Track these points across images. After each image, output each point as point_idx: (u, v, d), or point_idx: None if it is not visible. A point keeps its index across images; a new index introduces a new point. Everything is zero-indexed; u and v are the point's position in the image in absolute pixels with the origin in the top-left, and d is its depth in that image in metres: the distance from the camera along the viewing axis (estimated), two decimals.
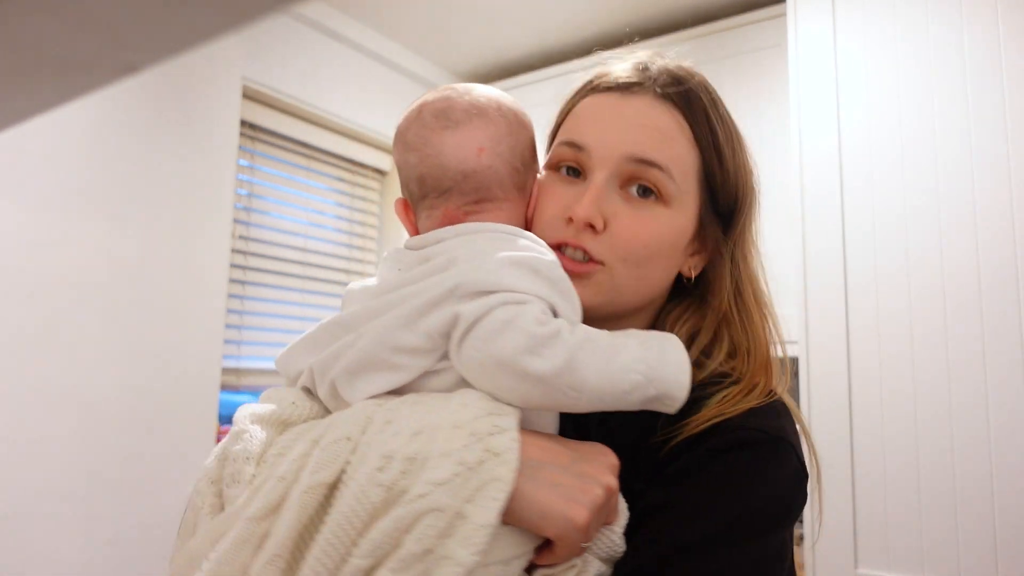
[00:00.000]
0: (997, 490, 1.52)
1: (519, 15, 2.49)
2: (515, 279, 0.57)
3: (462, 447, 0.51)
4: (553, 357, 0.54)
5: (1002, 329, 1.56)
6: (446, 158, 0.64)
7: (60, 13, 0.20)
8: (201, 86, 2.08)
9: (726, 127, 0.70)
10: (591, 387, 0.55)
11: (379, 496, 0.50)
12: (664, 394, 0.57)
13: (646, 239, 0.66)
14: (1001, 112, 1.61)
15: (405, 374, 0.58)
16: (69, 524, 1.73)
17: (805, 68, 1.89)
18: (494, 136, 0.66)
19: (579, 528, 0.53)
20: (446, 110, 0.66)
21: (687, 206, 0.68)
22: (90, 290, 1.80)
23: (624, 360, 0.56)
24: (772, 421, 0.62)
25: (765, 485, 0.59)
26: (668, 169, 0.66)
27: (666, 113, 0.67)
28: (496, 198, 0.66)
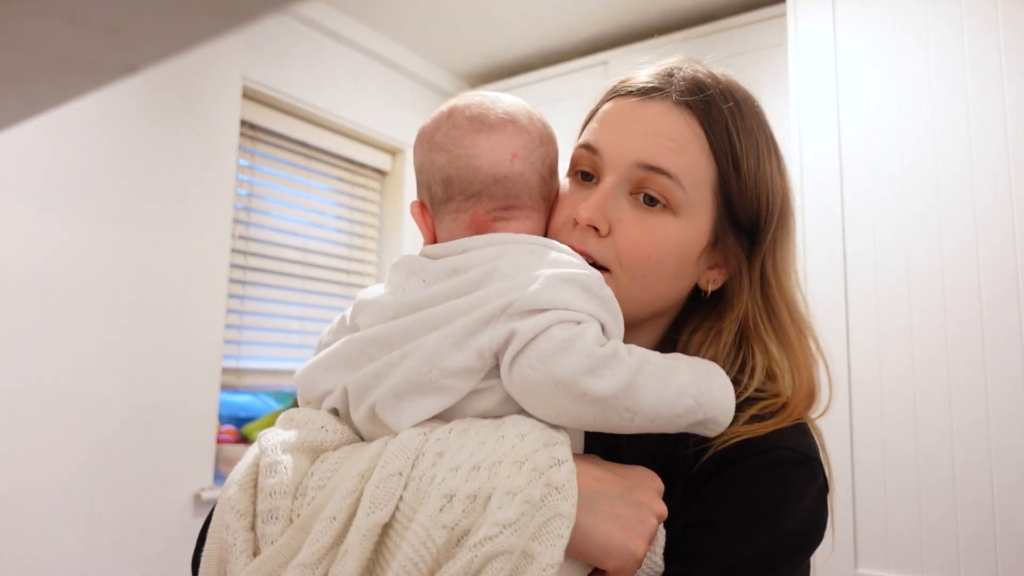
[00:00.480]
0: (997, 491, 1.52)
1: (520, 15, 2.49)
2: (569, 297, 0.55)
3: (527, 484, 0.50)
4: (613, 378, 0.53)
5: (1002, 329, 1.56)
6: (479, 160, 0.63)
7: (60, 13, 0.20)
8: (201, 86, 2.08)
9: (751, 137, 0.67)
10: (646, 409, 0.55)
11: (443, 538, 0.49)
12: (711, 419, 0.58)
13: (649, 248, 0.64)
14: (1001, 111, 1.61)
15: (452, 396, 0.57)
16: (69, 524, 1.73)
17: (805, 68, 1.89)
18: (527, 144, 0.65)
19: (639, 560, 0.53)
20: (481, 115, 0.65)
21: (698, 216, 0.66)
22: (90, 290, 1.80)
23: (678, 384, 0.56)
24: (802, 440, 0.63)
25: (803, 504, 0.60)
26: (677, 177, 0.64)
27: (682, 121, 0.65)
28: (524, 206, 0.65)
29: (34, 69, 0.24)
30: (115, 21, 0.20)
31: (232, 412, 2.41)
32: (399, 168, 2.83)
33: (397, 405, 0.57)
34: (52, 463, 1.72)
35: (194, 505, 1.99)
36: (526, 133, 0.65)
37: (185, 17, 0.20)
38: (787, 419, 0.63)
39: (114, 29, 0.21)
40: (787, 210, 0.70)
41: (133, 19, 0.20)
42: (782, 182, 0.70)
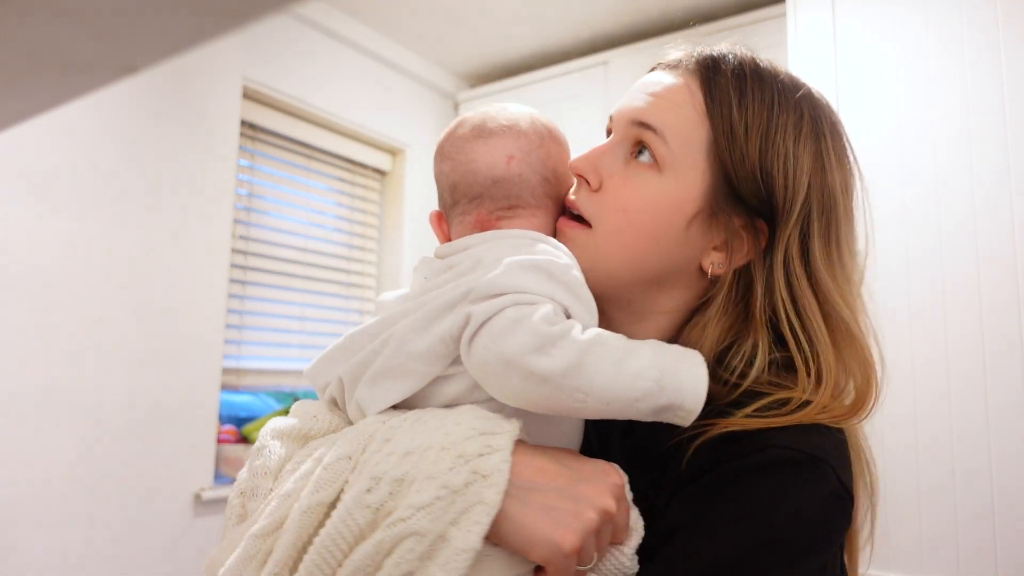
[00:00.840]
0: (997, 491, 1.52)
1: (519, 15, 2.49)
2: (527, 281, 0.57)
3: (448, 469, 0.51)
4: (560, 356, 0.53)
5: (1003, 331, 1.56)
6: (477, 165, 0.67)
7: (60, 13, 0.20)
8: (201, 86, 2.08)
9: (764, 109, 0.63)
10: (599, 390, 0.53)
11: (366, 518, 0.50)
12: (676, 404, 0.54)
13: (627, 201, 0.64)
14: (1001, 111, 1.61)
15: (418, 380, 0.58)
16: (69, 524, 1.73)
17: (805, 68, 1.89)
18: (524, 147, 0.68)
19: (567, 554, 0.51)
20: (482, 123, 0.69)
21: (685, 178, 0.63)
22: (90, 290, 1.80)
23: (636, 365, 0.54)
24: (807, 439, 0.56)
25: (795, 508, 0.54)
26: (662, 132, 0.63)
27: (683, 83, 0.65)
28: (528, 205, 0.67)
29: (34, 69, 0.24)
30: (115, 21, 0.20)
31: (232, 412, 2.41)
32: (399, 168, 2.83)
33: (371, 390, 0.59)
34: (52, 463, 1.72)
35: (194, 505, 1.99)
36: (524, 136, 0.68)
37: (185, 17, 0.20)
38: (800, 418, 0.57)
39: (114, 29, 0.21)
40: (830, 204, 0.64)
41: (133, 19, 0.20)
42: (816, 169, 0.64)
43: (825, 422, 0.59)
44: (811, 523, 0.55)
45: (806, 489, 0.55)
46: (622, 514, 0.56)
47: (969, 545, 1.54)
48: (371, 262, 2.77)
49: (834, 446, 0.58)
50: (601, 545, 0.54)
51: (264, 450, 0.60)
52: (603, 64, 2.54)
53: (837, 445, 0.58)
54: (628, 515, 0.57)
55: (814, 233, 0.64)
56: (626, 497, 0.58)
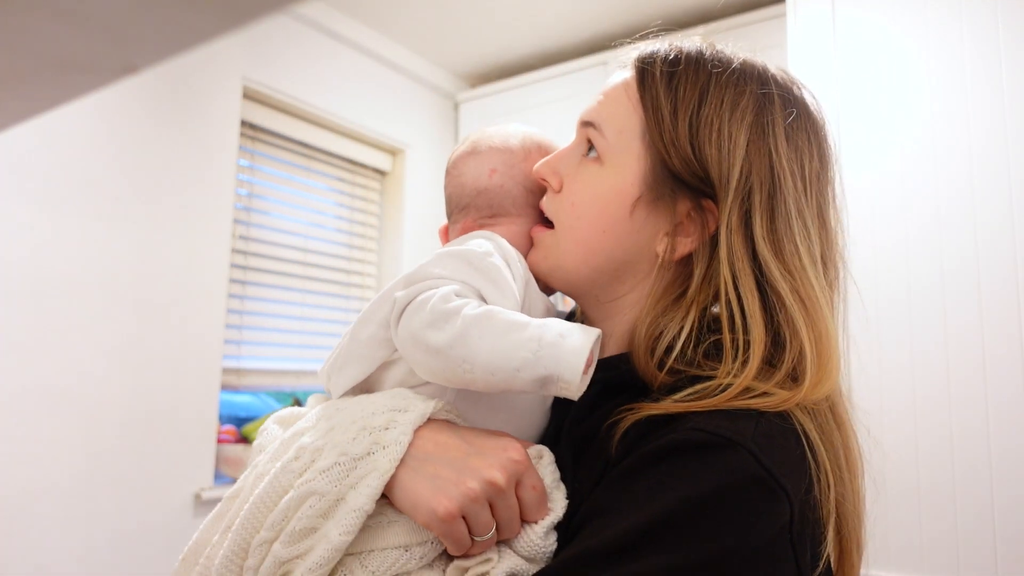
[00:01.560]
0: (997, 490, 1.52)
1: (519, 15, 2.49)
2: (442, 267, 0.63)
3: (350, 440, 0.58)
4: (449, 329, 0.57)
5: (1002, 331, 1.56)
6: (465, 178, 0.75)
7: (60, 13, 0.20)
8: (201, 86, 2.08)
9: (695, 90, 0.63)
10: (482, 361, 0.56)
11: (289, 481, 0.57)
12: (555, 375, 0.55)
13: (574, 196, 0.67)
14: (1001, 111, 1.61)
15: (368, 364, 0.65)
16: (70, 523, 1.73)
17: (805, 68, 1.89)
18: (508, 160, 0.74)
19: (441, 518, 0.54)
20: (476, 143, 0.76)
21: (624, 166, 0.65)
22: (90, 290, 1.80)
23: (518, 337, 0.56)
24: (730, 423, 0.54)
25: (698, 490, 0.51)
26: (599, 126, 0.67)
27: (622, 80, 0.69)
28: (509, 213, 0.73)
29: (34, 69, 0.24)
30: (115, 21, 0.20)
31: (232, 412, 2.41)
32: (399, 168, 2.83)
33: (335, 377, 0.66)
34: (52, 463, 1.72)
35: (194, 505, 1.99)
36: (509, 151, 0.74)
37: (185, 17, 0.20)
38: (725, 402, 0.56)
39: (114, 29, 0.21)
40: (771, 179, 0.63)
41: (133, 19, 0.20)
42: (755, 144, 0.63)
43: (758, 406, 0.56)
44: (714, 506, 0.51)
45: (711, 472, 0.52)
46: (528, 491, 0.58)
47: (969, 545, 1.54)
48: (371, 262, 2.77)
49: (763, 433, 0.54)
50: (501, 518, 0.57)
51: (264, 431, 0.68)
52: (603, 64, 2.54)
53: (768, 432, 0.55)
54: (537, 492, 0.58)
55: (756, 208, 0.62)
56: (533, 474, 0.59)
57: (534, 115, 2.62)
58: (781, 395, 0.58)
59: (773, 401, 0.57)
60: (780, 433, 0.56)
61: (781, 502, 0.52)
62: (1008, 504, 1.51)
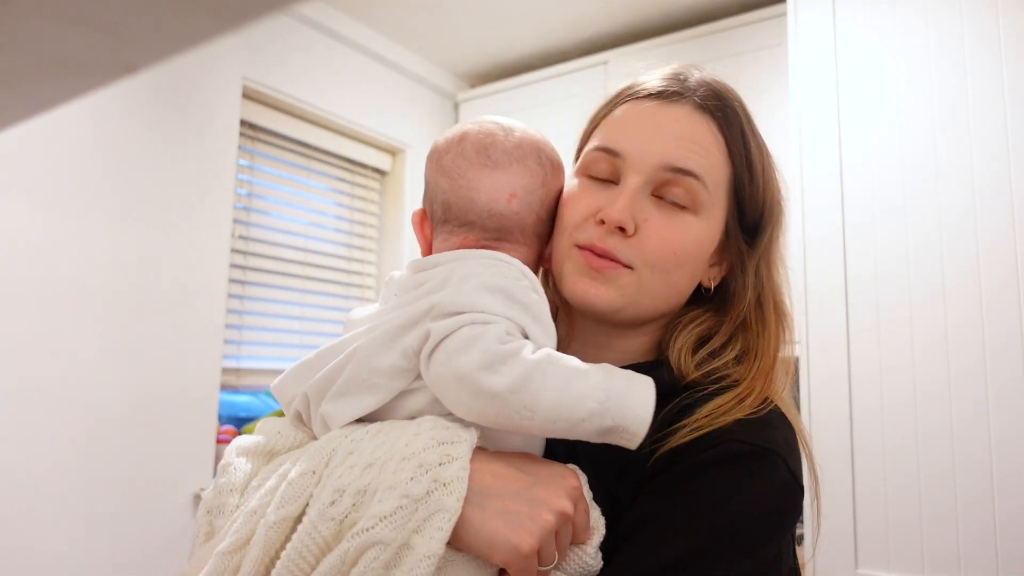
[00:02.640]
0: (997, 490, 1.52)
1: (519, 15, 2.49)
2: (486, 301, 0.58)
3: (408, 479, 0.52)
4: (509, 374, 0.54)
5: (1002, 329, 1.56)
6: (478, 194, 0.67)
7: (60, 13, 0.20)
8: (201, 86, 2.08)
9: (758, 143, 0.71)
10: (545, 408, 0.54)
11: (330, 530, 0.52)
12: (621, 427, 0.55)
13: (676, 246, 0.67)
14: (1002, 111, 1.61)
15: (383, 395, 0.60)
16: (69, 524, 1.73)
17: (805, 68, 1.89)
18: (527, 186, 0.68)
19: (525, 555, 0.53)
20: (488, 147, 0.68)
21: (715, 216, 0.69)
22: (90, 290, 1.80)
23: (583, 386, 0.55)
24: (762, 432, 0.61)
25: (751, 499, 0.58)
26: (703, 178, 0.67)
27: (703, 124, 0.68)
28: (515, 241, 0.69)
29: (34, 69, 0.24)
30: (115, 21, 0.20)
31: (232, 412, 2.41)
32: (399, 168, 2.83)
33: (336, 404, 0.61)
34: (52, 463, 1.72)
35: (194, 505, 1.99)
36: (529, 175, 0.68)
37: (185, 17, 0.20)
38: (749, 405, 0.63)
39: (114, 29, 0.21)
40: (782, 208, 0.74)
41: (133, 19, 0.20)
42: (778, 181, 0.73)
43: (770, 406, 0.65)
44: (765, 513, 0.58)
45: (759, 480, 0.59)
46: (581, 514, 0.57)
47: (969, 545, 1.54)
48: (371, 262, 2.77)
49: (784, 439, 0.62)
50: (561, 545, 0.56)
51: (229, 467, 0.61)
52: (603, 64, 2.54)
53: (787, 438, 0.63)
54: (588, 515, 0.58)
55: (775, 238, 0.73)
56: (584, 497, 0.59)
57: (534, 115, 2.62)
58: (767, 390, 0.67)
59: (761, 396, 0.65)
60: (794, 439, 0.64)
61: (800, 502, 0.62)
62: (1009, 505, 1.51)
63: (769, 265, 0.73)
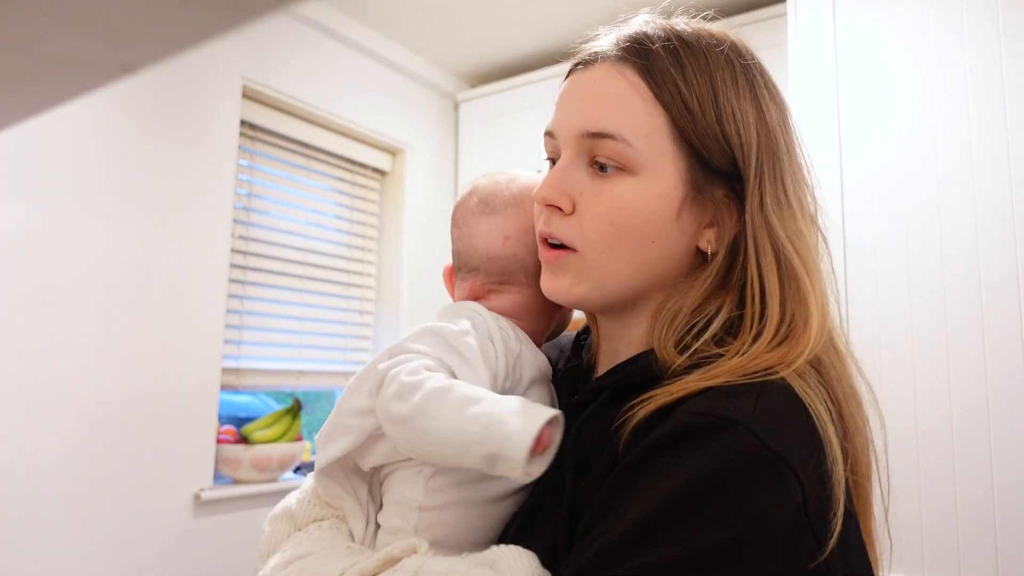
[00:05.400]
0: (998, 490, 1.52)
1: (519, 15, 2.49)
2: (421, 343, 0.63)
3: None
4: (410, 402, 0.58)
5: (1003, 329, 1.56)
6: (476, 240, 0.72)
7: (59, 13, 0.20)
8: (201, 86, 2.08)
9: (703, 74, 0.62)
10: (439, 434, 0.56)
11: None
12: (501, 454, 0.54)
13: (611, 215, 0.61)
14: (1002, 110, 1.61)
15: (355, 436, 0.64)
16: (70, 524, 1.73)
17: (805, 67, 1.89)
18: (522, 227, 0.71)
19: None
20: (489, 197, 0.73)
21: (661, 170, 0.61)
22: (90, 290, 1.80)
23: (471, 412, 0.56)
24: (727, 402, 0.52)
25: (691, 476, 0.49)
26: (621, 136, 0.61)
27: (618, 76, 0.63)
28: (519, 283, 0.71)
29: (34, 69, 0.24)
30: (115, 21, 0.20)
31: (232, 412, 2.41)
32: (399, 168, 2.83)
33: (321, 448, 0.66)
34: (51, 463, 1.72)
35: (194, 505, 1.99)
36: (524, 217, 0.71)
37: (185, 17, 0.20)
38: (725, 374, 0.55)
39: (114, 29, 0.21)
40: (773, 142, 0.64)
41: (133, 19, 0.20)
42: (758, 113, 0.63)
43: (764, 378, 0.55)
44: (716, 490, 0.49)
45: (709, 454, 0.50)
46: None
47: (969, 545, 1.54)
48: (371, 262, 2.77)
49: (764, 410, 0.52)
50: None
51: (263, 535, 0.69)
52: None
53: (770, 409, 0.53)
54: None
55: (765, 180, 0.63)
56: None
57: (534, 115, 2.62)
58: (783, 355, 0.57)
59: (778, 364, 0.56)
60: (786, 409, 0.54)
61: (789, 481, 0.49)
62: (1009, 505, 1.51)
63: (763, 209, 0.62)
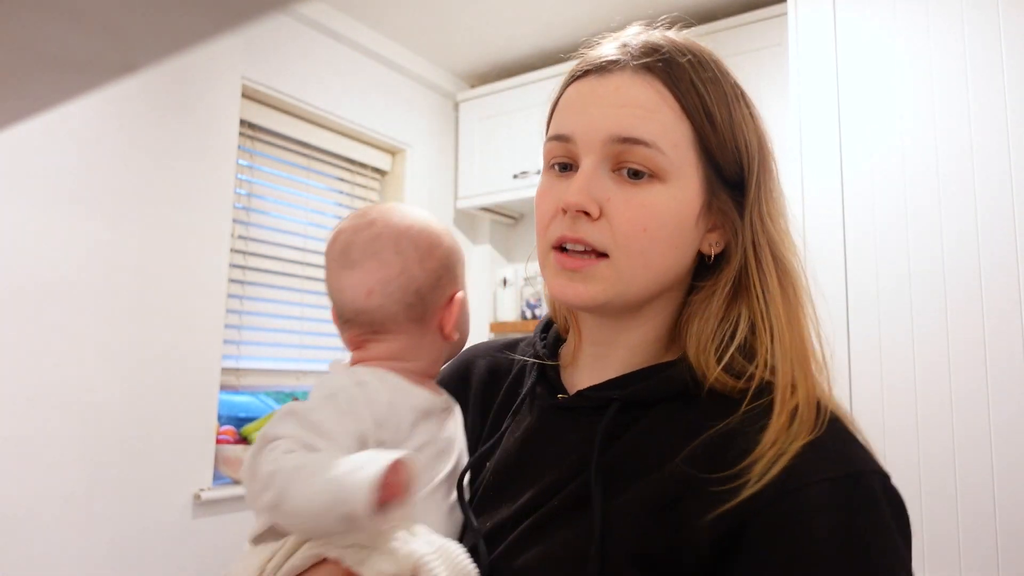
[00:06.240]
0: (998, 490, 1.52)
1: (519, 15, 2.48)
2: (279, 426, 0.64)
3: None
4: (273, 489, 0.59)
5: (1003, 327, 1.56)
6: (343, 295, 0.72)
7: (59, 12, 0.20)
8: (201, 86, 2.08)
9: (717, 87, 0.65)
10: (301, 511, 0.58)
11: None
12: (349, 514, 0.56)
13: (645, 221, 0.62)
14: (1003, 110, 1.61)
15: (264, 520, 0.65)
16: (70, 524, 1.73)
17: (805, 67, 1.89)
18: (384, 278, 0.71)
19: None
20: (347, 248, 0.72)
21: (687, 179, 0.63)
22: (90, 290, 1.80)
23: (320, 481, 0.58)
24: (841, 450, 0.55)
25: (900, 540, 0.53)
26: (655, 144, 0.62)
27: (645, 85, 0.64)
28: (390, 331, 0.72)
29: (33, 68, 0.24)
30: (115, 21, 0.20)
31: (232, 412, 2.40)
32: (399, 168, 2.83)
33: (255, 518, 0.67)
34: (51, 463, 1.71)
35: (193, 506, 1.99)
36: (386, 268, 0.71)
37: (185, 17, 0.20)
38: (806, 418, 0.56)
39: (114, 29, 0.20)
40: (766, 153, 0.67)
41: (133, 19, 0.20)
42: (755, 125, 0.67)
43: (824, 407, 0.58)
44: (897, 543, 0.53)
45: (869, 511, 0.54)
46: None
47: (969, 545, 1.54)
48: None
49: (857, 442, 0.58)
50: None
51: None
52: None
53: (856, 439, 0.59)
54: None
55: (763, 188, 0.66)
56: None
57: (534, 115, 2.62)
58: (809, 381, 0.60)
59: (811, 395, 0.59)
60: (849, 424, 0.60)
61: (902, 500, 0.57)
62: (1009, 505, 1.51)
63: (762, 217, 0.65)
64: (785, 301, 0.64)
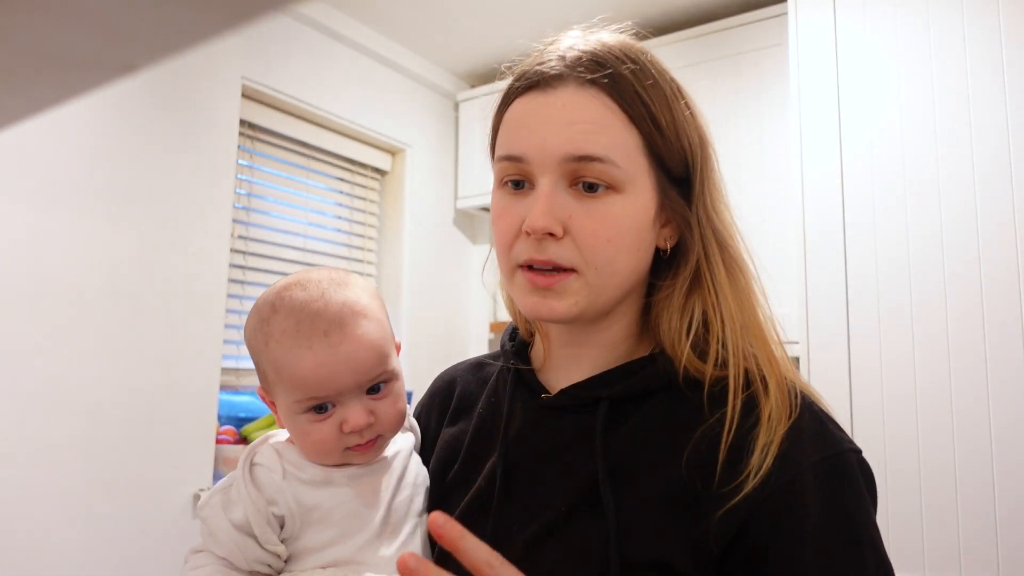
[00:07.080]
0: (998, 490, 1.52)
1: (519, 15, 2.48)
2: (201, 534, 0.70)
3: None
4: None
5: (1004, 327, 1.56)
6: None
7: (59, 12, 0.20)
8: (201, 86, 2.08)
9: (658, 91, 0.66)
10: None
11: None
12: None
13: (608, 233, 0.64)
14: (1003, 110, 1.61)
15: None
16: (69, 523, 1.73)
17: (806, 67, 1.89)
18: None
19: None
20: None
21: (641, 185, 0.65)
22: (90, 290, 1.80)
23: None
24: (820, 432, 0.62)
25: (872, 508, 0.61)
26: (608, 158, 0.63)
27: (591, 99, 0.64)
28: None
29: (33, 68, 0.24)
30: (115, 21, 0.20)
31: (232, 412, 2.40)
32: (399, 168, 2.83)
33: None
34: (51, 463, 1.71)
35: (193, 505, 1.99)
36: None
37: (185, 17, 0.20)
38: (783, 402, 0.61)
39: (114, 29, 0.20)
40: (705, 144, 0.69)
41: (133, 19, 0.20)
42: (695, 121, 0.69)
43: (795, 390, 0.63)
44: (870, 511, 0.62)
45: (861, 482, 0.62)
46: None
47: (969, 545, 1.54)
48: (371, 262, 2.77)
49: (832, 423, 0.64)
50: None
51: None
52: None
53: (831, 418, 0.65)
54: None
55: (707, 181, 0.68)
56: None
57: None
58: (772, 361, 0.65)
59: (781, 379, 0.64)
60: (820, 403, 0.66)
61: None
62: (1010, 505, 1.51)
63: (707, 209, 0.68)
64: (734, 288, 0.67)
